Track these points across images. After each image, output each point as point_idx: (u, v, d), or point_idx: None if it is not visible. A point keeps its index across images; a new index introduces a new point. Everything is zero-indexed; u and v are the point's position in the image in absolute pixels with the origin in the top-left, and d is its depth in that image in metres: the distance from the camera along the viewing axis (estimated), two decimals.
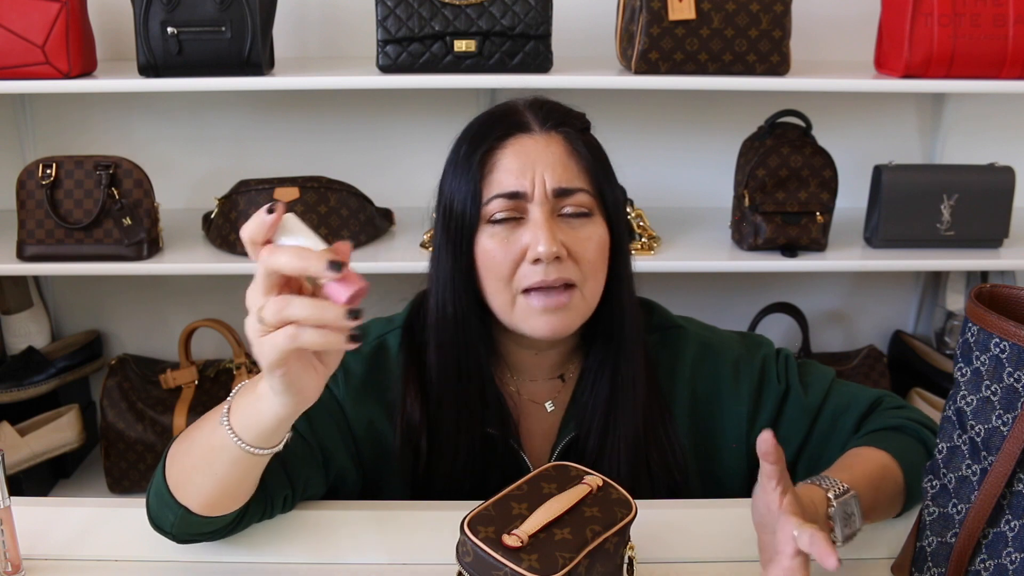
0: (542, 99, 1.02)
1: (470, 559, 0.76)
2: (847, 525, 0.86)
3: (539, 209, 0.95)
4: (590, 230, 0.97)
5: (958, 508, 0.85)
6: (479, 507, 0.79)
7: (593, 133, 1.04)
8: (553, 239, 0.93)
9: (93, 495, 1.98)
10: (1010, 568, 0.80)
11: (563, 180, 0.96)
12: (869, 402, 1.07)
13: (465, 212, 0.97)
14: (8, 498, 0.89)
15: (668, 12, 1.68)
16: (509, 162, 0.96)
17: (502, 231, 0.96)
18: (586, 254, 0.96)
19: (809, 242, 1.80)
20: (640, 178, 1.98)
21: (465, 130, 1.01)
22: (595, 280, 0.98)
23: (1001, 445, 0.80)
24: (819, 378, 1.09)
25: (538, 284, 0.94)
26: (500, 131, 0.98)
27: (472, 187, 0.96)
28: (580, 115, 1.03)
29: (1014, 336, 0.79)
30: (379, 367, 1.05)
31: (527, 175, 0.95)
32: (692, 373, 1.08)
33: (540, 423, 1.07)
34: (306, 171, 1.90)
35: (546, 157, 0.96)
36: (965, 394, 0.85)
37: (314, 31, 2.05)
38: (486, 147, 0.97)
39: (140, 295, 2.17)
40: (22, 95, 2.03)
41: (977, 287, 0.85)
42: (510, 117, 0.99)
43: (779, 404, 1.07)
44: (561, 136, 0.98)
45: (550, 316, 0.96)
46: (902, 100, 2.12)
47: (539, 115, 0.99)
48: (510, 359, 1.06)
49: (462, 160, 0.98)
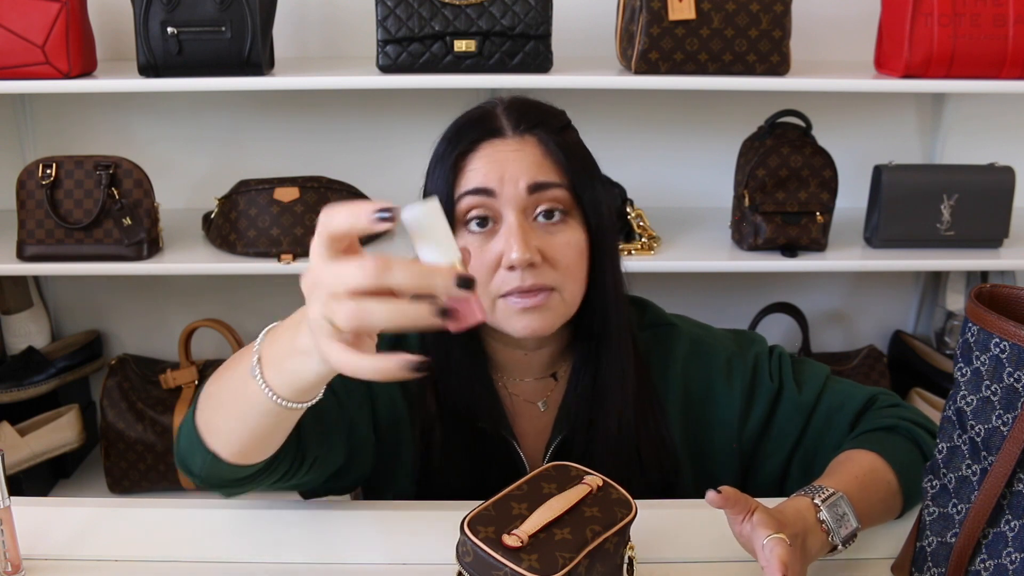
0: (520, 99, 1.01)
1: (470, 559, 0.76)
2: (842, 526, 0.87)
3: (512, 212, 0.94)
4: (567, 235, 0.96)
5: (958, 508, 0.85)
6: (479, 507, 0.79)
7: (589, 131, 1.03)
8: (526, 246, 0.93)
9: (93, 495, 1.98)
10: (1010, 568, 0.80)
11: (537, 176, 0.95)
12: (864, 400, 1.07)
13: None
14: (8, 498, 0.89)
15: (668, 12, 1.68)
16: (479, 163, 0.96)
17: (477, 240, 0.96)
18: (563, 260, 0.96)
19: (809, 242, 1.80)
20: (640, 178, 1.98)
21: (444, 132, 1.01)
22: (574, 282, 0.97)
23: (1001, 445, 0.80)
24: (813, 375, 1.08)
25: (514, 290, 0.94)
26: (474, 135, 0.97)
27: (444, 188, 0.96)
28: (558, 113, 1.02)
29: (1014, 336, 0.79)
30: (401, 349, 1.04)
31: (496, 173, 0.95)
32: (684, 370, 1.08)
33: (534, 423, 1.07)
34: (306, 171, 1.90)
35: (518, 160, 0.95)
36: (965, 394, 0.85)
37: (314, 31, 2.05)
38: (459, 151, 0.97)
39: (140, 295, 2.17)
40: (22, 95, 2.03)
41: (977, 287, 0.85)
42: (484, 123, 0.98)
43: (772, 402, 1.07)
44: (535, 138, 0.97)
45: (530, 317, 0.95)
46: (902, 100, 2.12)
47: (512, 118, 0.98)
48: (499, 359, 1.07)
49: (438, 161, 0.99)
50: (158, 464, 1.93)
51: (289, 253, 1.77)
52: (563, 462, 0.87)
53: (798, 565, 0.81)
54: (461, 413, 1.03)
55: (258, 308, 2.16)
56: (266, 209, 1.77)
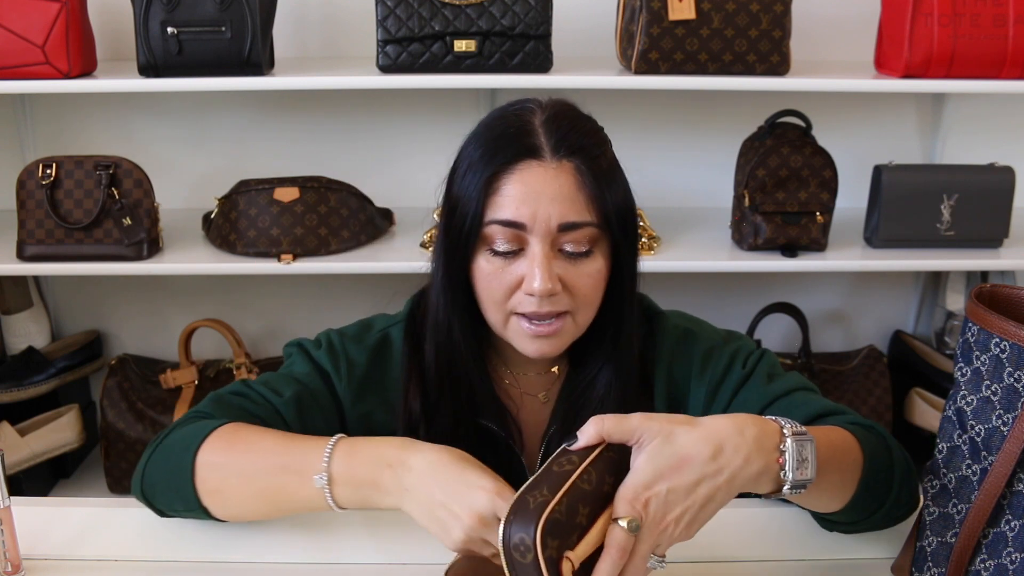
0: (561, 114, 0.98)
1: (527, 563, 0.71)
2: (800, 469, 0.79)
3: (539, 243, 0.93)
4: (590, 267, 0.96)
5: (958, 508, 0.85)
6: (551, 503, 0.72)
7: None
8: (549, 276, 0.93)
9: (93, 495, 1.98)
10: (1010, 568, 0.80)
11: (569, 214, 0.93)
12: (833, 408, 1.01)
13: (464, 225, 0.95)
14: (8, 498, 0.89)
15: (668, 12, 1.68)
16: (514, 188, 0.94)
17: (500, 260, 0.95)
18: (582, 289, 0.96)
19: (809, 242, 1.80)
20: (640, 178, 1.95)
21: (480, 131, 0.99)
22: (588, 308, 0.98)
23: (1001, 445, 0.80)
24: (790, 378, 1.05)
25: (531, 315, 0.95)
26: (511, 152, 0.94)
27: (475, 205, 0.95)
28: (596, 132, 1.00)
29: (1014, 336, 0.79)
30: (382, 359, 1.06)
31: (529, 206, 0.93)
32: (670, 358, 1.08)
33: (534, 414, 1.08)
34: (306, 171, 1.90)
35: (553, 189, 0.93)
36: (965, 394, 0.85)
37: (314, 31, 2.05)
38: (494, 168, 0.94)
39: (140, 295, 2.17)
40: (22, 95, 2.03)
41: (977, 287, 0.85)
42: (523, 139, 0.95)
43: (736, 388, 1.04)
44: (572, 166, 0.94)
45: (540, 342, 0.97)
46: (902, 100, 2.12)
47: (552, 139, 0.95)
48: (504, 353, 1.07)
49: (470, 169, 0.96)
50: None
51: (289, 253, 1.77)
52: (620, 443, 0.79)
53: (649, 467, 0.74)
54: (462, 406, 1.03)
55: (258, 308, 2.16)
56: (266, 209, 1.77)
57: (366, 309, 1.19)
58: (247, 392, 1.01)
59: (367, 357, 1.06)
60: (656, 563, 0.75)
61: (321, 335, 1.08)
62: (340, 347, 1.06)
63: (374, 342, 1.07)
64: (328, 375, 1.04)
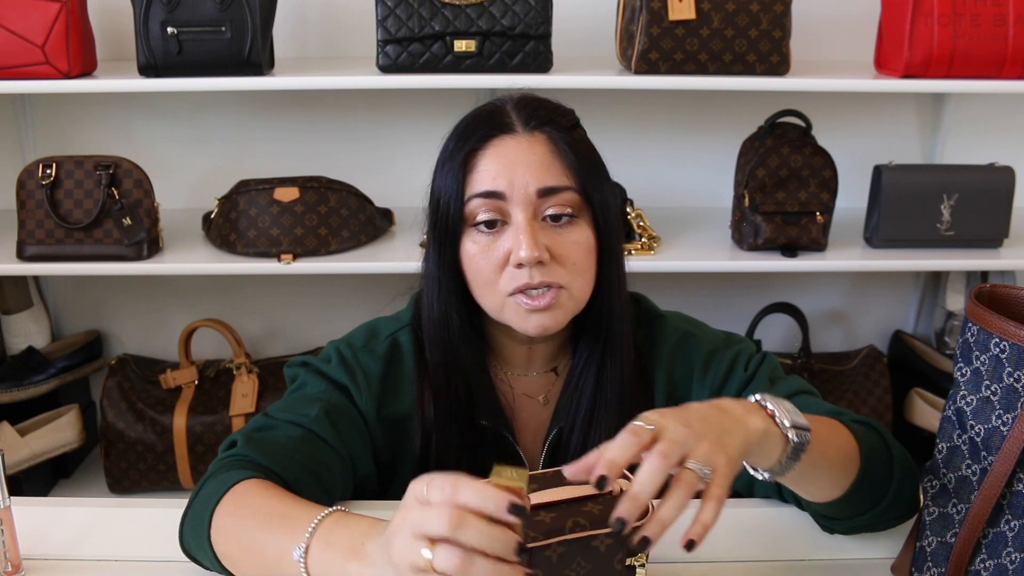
0: (530, 96, 1.01)
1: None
2: (791, 415, 0.79)
3: (521, 212, 0.95)
4: (576, 234, 0.97)
5: (958, 508, 0.85)
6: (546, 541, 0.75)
7: (589, 131, 1.03)
8: (535, 243, 0.94)
9: (93, 495, 1.98)
10: (1010, 568, 0.80)
11: (546, 179, 0.95)
12: (830, 411, 0.99)
13: (449, 212, 0.97)
14: (8, 498, 0.89)
15: (668, 12, 1.68)
16: (489, 163, 0.96)
17: (485, 239, 0.97)
18: (571, 257, 0.96)
19: (809, 242, 1.80)
20: (640, 178, 1.98)
21: (454, 127, 1.02)
22: (583, 279, 0.98)
23: (1001, 445, 0.80)
24: (791, 382, 1.05)
25: (523, 287, 0.95)
26: (483, 131, 0.98)
27: (455, 187, 0.97)
28: (568, 112, 1.02)
29: (1014, 336, 0.79)
30: (395, 365, 1.06)
31: (505, 175, 0.95)
32: (670, 364, 1.08)
33: (533, 417, 1.08)
34: (306, 171, 1.90)
35: (527, 158, 0.96)
36: (965, 394, 0.85)
37: (314, 31, 2.05)
38: (468, 147, 0.97)
39: (140, 295, 2.17)
40: (22, 95, 2.03)
41: (977, 287, 0.85)
42: (494, 117, 0.99)
43: (740, 390, 1.05)
44: (545, 136, 0.97)
45: (539, 316, 0.97)
46: (902, 100, 2.12)
47: (523, 114, 0.98)
48: (503, 354, 1.07)
49: (448, 159, 0.99)
50: (158, 464, 1.93)
51: (289, 253, 1.77)
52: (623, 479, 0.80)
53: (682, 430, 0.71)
54: (462, 408, 1.03)
55: (258, 308, 2.16)
56: (266, 209, 1.77)
57: (366, 309, 1.19)
58: (272, 424, 0.98)
59: (382, 366, 1.05)
60: (698, 467, 0.71)
61: (328, 349, 1.07)
62: (354, 360, 1.05)
63: (385, 350, 1.06)
64: (347, 389, 1.03)
